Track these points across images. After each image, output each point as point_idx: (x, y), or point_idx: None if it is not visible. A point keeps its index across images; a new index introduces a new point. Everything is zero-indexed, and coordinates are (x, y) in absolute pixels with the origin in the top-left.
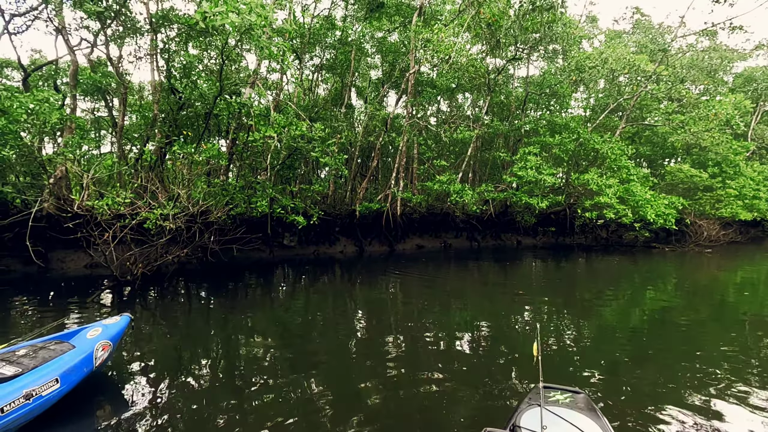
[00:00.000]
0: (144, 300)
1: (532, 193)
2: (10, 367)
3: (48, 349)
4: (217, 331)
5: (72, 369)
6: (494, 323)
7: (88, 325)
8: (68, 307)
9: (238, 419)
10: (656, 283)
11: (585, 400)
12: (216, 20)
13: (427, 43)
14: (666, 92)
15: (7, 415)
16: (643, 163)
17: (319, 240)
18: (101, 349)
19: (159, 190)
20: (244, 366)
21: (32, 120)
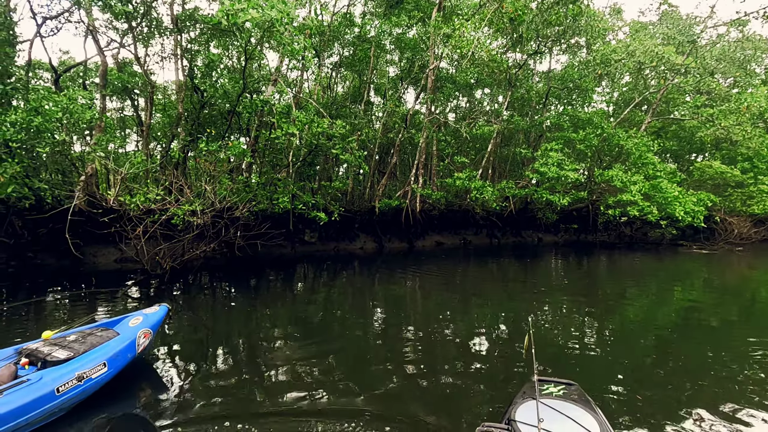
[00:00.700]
0: (172, 293)
1: (553, 190)
2: (62, 351)
3: (95, 336)
4: (241, 323)
5: (117, 354)
6: (512, 320)
7: (130, 314)
8: (101, 299)
9: (260, 402)
10: (683, 282)
11: (578, 391)
12: (238, 17)
13: (447, 39)
14: (694, 85)
15: (62, 395)
16: (669, 158)
17: (339, 236)
18: (143, 337)
19: (185, 187)
20: (265, 356)
21: (66, 119)
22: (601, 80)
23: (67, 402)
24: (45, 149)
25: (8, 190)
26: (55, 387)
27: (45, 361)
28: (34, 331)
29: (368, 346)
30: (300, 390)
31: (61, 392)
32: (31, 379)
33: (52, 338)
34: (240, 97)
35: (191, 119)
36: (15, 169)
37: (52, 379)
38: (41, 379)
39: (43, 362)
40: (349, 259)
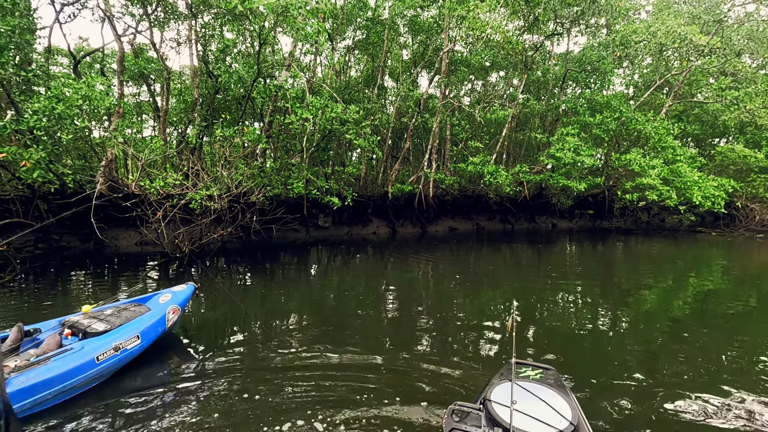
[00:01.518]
0: (191, 275)
1: (569, 175)
2: (101, 324)
3: (129, 311)
4: (257, 303)
5: (149, 328)
6: (522, 306)
7: (160, 291)
8: (125, 279)
9: (274, 367)
10: (700, 270)
11: (555, 376)
12: (252, 2)
13: (461, 21)
14: (719, 66)
15: (101, 363)
16: (690, 142)
17: (352, 221)
18: (172, 312)
19: (202, 172)
20: (279, 331)
21: (87, 105)
22: (621, 62)
23: (105, 370)
24: (68, 136)
25: (34, 174)
26: (95, 356)
27: (85, 333)
28: (72, 306)
29: (378, 331)
30: (310, 361)
31: (100, 360)
32: (74, 348)
33: (92, 312)
34: (255, 82)
35: (206, 105)
36: (40, 155)
37: (92, 348)
38: (83, 348)
39: (84, 333)
40: (362, 243)
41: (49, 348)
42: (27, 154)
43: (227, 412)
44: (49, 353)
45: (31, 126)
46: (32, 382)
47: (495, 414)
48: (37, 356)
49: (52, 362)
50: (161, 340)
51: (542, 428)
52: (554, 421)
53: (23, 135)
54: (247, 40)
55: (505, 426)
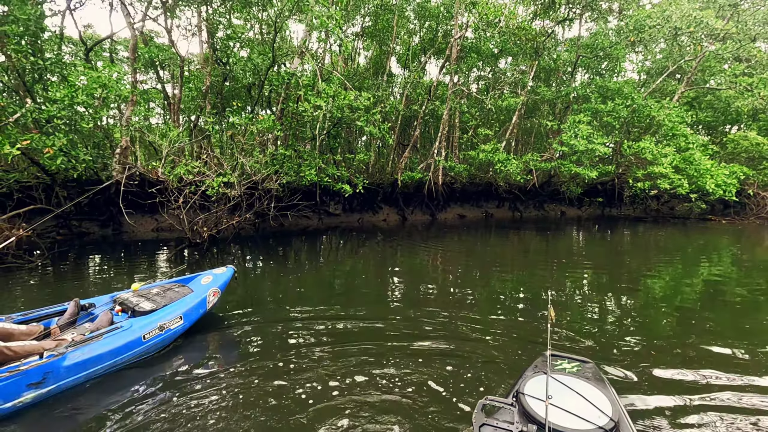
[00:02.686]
0: (211, 260)
1: (580, 163)
2: (148, 303)
3: (174, 291)
4: (275, 287)
5: (192, 309)
6: (531, 292)
7: (202, 273)
8: (144, 264)
9: (293, 360)
10: (711, 257)
11: (593, 369)
12: None
13: (472, 6)
14: (734, 52)
15: (147, 342)
16: (702, 130)
17: (363, 208)
18: (212, 295)
19: (217, 159)
20: (296, 313)
21: (104, 94)
22: (633, 48)
23: (151, 348)
24: (89, 125)
25: (57, 161)
26: (142, 334)
27: (134, 311)
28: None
29: (388, 316)
30: (325, 360)
31: (146, 339)
32: (123, 326)
33: (140, 290)
34: (269, 70)
35: (215, 92)
36: (63, 142)
37: (139, 327)
38: (131, 327)
39: (133, 311)
40: (372, 230)
41: (101, 324)
42: (50, 141)
43: (258, 393)
44: (101, 329)
45: (52, 115)
46: (87, 356)
47: (529, 409)
48: (91, 331)
49: (104, 339)
50: (201, 320)
51: (580, 424)
52: (593, 417)
53: (43, 123)
54: (254, 28)
55: (541, 422)
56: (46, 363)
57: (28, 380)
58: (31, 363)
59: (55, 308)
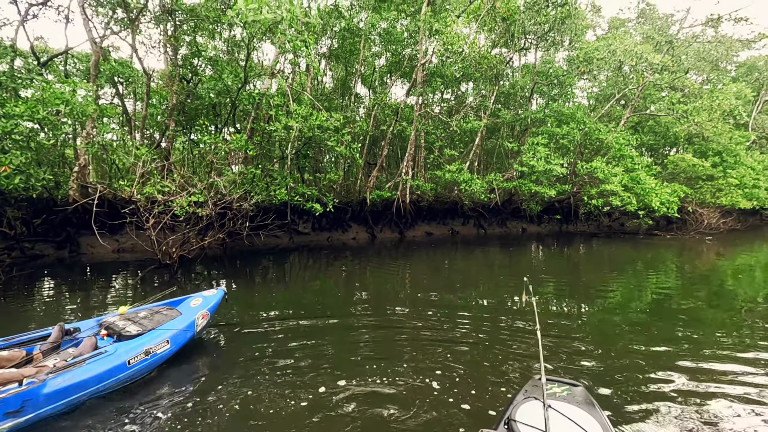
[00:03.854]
0: (180, 281)
1: (540, 182)
2: (134, 327)
3: (161, 314)
4: (247, 307)
5: (179, 333)
6: (496, 305)
7: (192, 295)
8: (105, 289)
9: (265, 377)
10: (658, 270)
11: (583, 393)
12: (248, 16)
13: (438, 34)
14: (670, 82)
15: (132, 367)
16: (645, 152)
17: (332, 227)
18: (201, 318)
19: (183, 178)
20: (273, 331)
21: (69, 110)
22: (583, 76)
23: (136, 374)
24: (49, 142)
25: (16, 180)
26: (127, 359)
27: (120, 335)
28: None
29: (354, 334)
30: (310, 375)
31: (131, 364)
32: (108, 351)
33: (127, 313)
34: (239, 90)
35: (178, 110)
36: (20, 160)
37: (124, 352)
38: (116, 351)
39: (119, 335)
40: (342, 249)
41: (85, 349)
42: (6, 159)
43: (241, 416)
44: (85, 355)
45: (7, 131)
46: (68, 383)
47: None
48: (74, 357)
49: (87, 365)
50: (189, 344)
51: None
52: None
53: None
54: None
55: None
56: (25, 390)
57: (5, 408)
58: (9, 390)
59: (38, 333)
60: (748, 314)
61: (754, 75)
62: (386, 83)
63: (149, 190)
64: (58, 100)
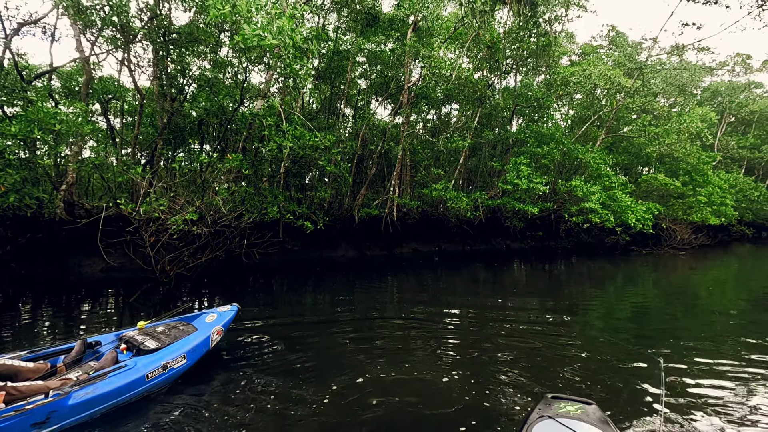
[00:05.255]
0: (177, 299)
1: (523, 200)
2: (152, 342)
3: (178, 329)
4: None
5: (195, 348)
6: (481, 321)
7: (207, 311)
8: (95, 308)
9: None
10: (636, 283)
11: (597, 411)
12: (253, 42)
13: (426, 60)
14: (641, 105)
15: (150, 381)
16: (620, 171)
17: (321, 244)
18: (216, 334)
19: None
20: (278, 348)
21: (64, 129)
22: (561, 99)
23: (153, 387)
24: (46, 161)
25: (10, 199)
26: (146, 374)
27: (139, 349)
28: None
29: (342, 348)
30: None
31: (149, 378)
32: (128, 365)
33: (145, 328)
34: (235, 111)
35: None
36: (15, 178)
37: (143, 366)
38: (135, 366)
39: (138, 350)
40: (332, 265)
41: (106, 363)
42: (1, 178)
43: None
44: (106, 368)
45: (1, 149)
46: (90, 396)
47: None
48: (96, 370)
49: (108, 378)
50: (204, 359)
51: None
52: None
53: None
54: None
55: None
56: (51, 402)
57: (32, 420)
58: (36, 402)
59: (62, 347)
60: (724, 324)
61: (717, 99)
62: (371, 104)
63: (146, 209)
64: (53, 120)
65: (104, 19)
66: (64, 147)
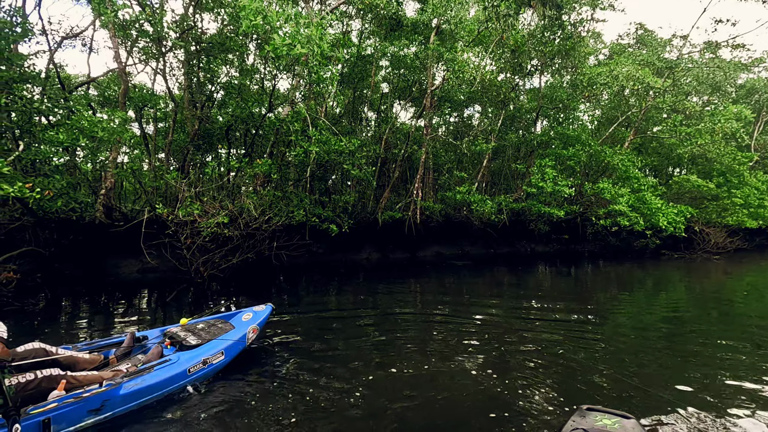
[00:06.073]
0: (210, 299)
1: (547, 203)
2: (194, 338)
3: (217, 327)
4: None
5: (232, 345)
6: (506, 325)
7: (243, 310)
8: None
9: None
10: (667, 288)
11: (636, 427)
12: (283, 51)
13: (449, 63)
14: (672, 104)
15: (192, 375)
16: (649, 172)
17: (345, 247)
18: (251, 332)
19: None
20: (311, 345)
21: (106, 137)
22: (588, 100)
23: (194, 381)
24: (88, 166)
25: (58, 203)
26: (188, 368)
27: (181, 344)
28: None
29: (365, 350)
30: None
31: (191, 372)
32: (172, 359)
33: (187, 325)
34: (264, 117)
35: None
36: (62, 183)
37: (186, 360)
38: (179, 360)
39: (180, 345)
40: (355, 268)
41: (153, 357)
42: (50, 183)
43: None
44: (152, 362)
45: (48, 156)
46: (139, 386)
47: None
48: (143, 363)
49: (155, 371)
50: (240, 355)
51: None
52: None
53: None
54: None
55: None
56: (105, 391)
57: (89, 406)
58: (92, 391)
59: (114, 340)
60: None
61: (754, 97)
62: (394, 107)
63: (183, 212)
64: (96, 128)
65: (141, 31)
66: (105, 153)
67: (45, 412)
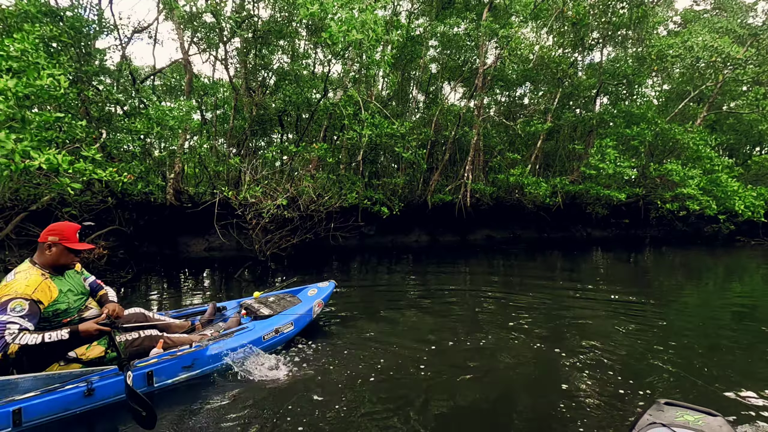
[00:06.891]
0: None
1: (607, 185)
2: (266, 309)
3: (286, 300)
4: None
5: (301, 317)
6: (562, 310)
7: (308, 286)
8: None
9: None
10: (742, 278)
11: (724, 426)
12: (339, 38)
13: (503, 40)
14: (753, 76)
15: (266, 342)
16: (723, 151)
17: (395, 229)
18: (317, 305)
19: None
20: (371, 321)
21: (177, 125)
22: (656, 74)
23: (268, 347)
24: (162, 153)
25: (138, 186)
26: (263, 335)
27: (256, 315)
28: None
29: (417, 337)
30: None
31: (265, 340)
32: (248, 327)
33: (260, 297)
34: (319, 102)
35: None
36: (141, 168)
37: (260, 328)
38: (255, 328)
39: (255, 315)
40: (405, 250)
41: (232, 324)
42: (131, 168)
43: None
44: (232, 328)
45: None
46: (222, 349)
47: None
48: (224, 330)
49: (234, 336)
50: (307, 327)
51: None
52: None
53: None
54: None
55: None
56: (194, 351)
57: (182, 363)
58: (184, 350)
59: (198, 309)
60: None
61: None
62: (443, 88)
63: (248, 194)
64: (168, 116)
65: (204, 23)
66: (177, 141)
67: (148, 365)
